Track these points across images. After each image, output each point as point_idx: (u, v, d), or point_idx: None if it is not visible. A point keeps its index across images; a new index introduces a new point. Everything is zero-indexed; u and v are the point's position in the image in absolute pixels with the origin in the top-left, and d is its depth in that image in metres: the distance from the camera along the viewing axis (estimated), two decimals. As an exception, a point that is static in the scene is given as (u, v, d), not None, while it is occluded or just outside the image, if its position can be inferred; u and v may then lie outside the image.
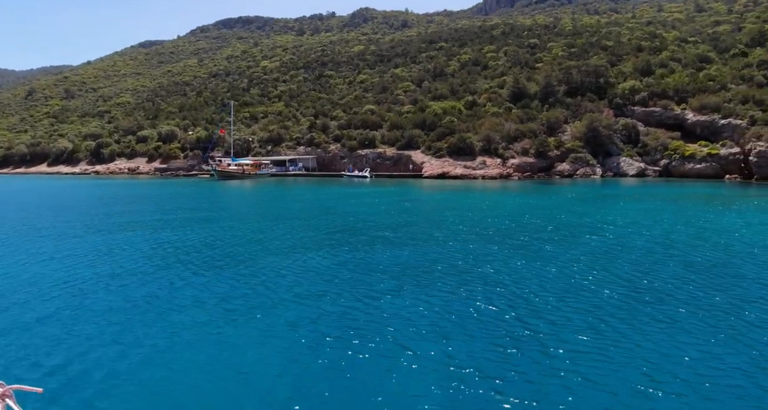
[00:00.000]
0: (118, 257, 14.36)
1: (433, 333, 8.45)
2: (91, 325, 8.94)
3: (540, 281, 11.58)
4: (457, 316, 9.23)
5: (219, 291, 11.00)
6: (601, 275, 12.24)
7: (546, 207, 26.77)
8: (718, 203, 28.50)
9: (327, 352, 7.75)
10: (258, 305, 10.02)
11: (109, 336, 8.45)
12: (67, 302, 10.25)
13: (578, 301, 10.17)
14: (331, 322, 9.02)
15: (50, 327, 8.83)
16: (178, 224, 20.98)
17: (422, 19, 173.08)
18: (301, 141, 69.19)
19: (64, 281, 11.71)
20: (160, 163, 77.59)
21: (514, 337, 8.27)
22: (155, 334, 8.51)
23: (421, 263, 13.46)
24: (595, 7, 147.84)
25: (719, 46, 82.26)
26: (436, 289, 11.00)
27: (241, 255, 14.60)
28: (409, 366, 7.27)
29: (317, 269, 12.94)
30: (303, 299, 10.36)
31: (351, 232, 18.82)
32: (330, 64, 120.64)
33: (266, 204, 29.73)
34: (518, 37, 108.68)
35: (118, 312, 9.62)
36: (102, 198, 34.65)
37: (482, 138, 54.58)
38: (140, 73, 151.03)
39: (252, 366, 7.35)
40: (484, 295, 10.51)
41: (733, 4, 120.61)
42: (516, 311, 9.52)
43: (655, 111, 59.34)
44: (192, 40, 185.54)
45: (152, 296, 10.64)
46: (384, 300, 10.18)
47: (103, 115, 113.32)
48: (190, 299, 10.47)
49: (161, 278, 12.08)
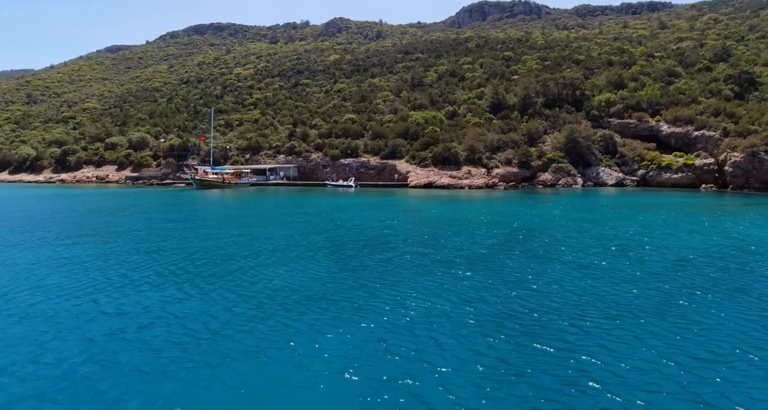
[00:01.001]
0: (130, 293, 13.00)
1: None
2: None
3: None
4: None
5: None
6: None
7: (558, 217, 26.61)
8: (728, 211, 29.17)
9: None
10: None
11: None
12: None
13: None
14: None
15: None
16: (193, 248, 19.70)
17: (396, 31, 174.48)
18: (280, 149, 67.91)
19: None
20: (131, 171, 74.71)
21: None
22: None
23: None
24: (564, 23, 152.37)
25: (684, 61, 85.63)
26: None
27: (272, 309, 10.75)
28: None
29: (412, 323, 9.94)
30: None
31: (390, 257, 15.82)
32: (306, 73, 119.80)
33: (258, 219, 26.98)
34: (492, 49, 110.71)
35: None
36: (77, 211, 32.72)
37: (466, 148, 54.78)
38: (107, 79, 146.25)
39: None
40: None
41: (695, 22, 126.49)
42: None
43: (630, 123, 61.02)
44: (161, 45, 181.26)
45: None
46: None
47: (68, 121, 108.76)
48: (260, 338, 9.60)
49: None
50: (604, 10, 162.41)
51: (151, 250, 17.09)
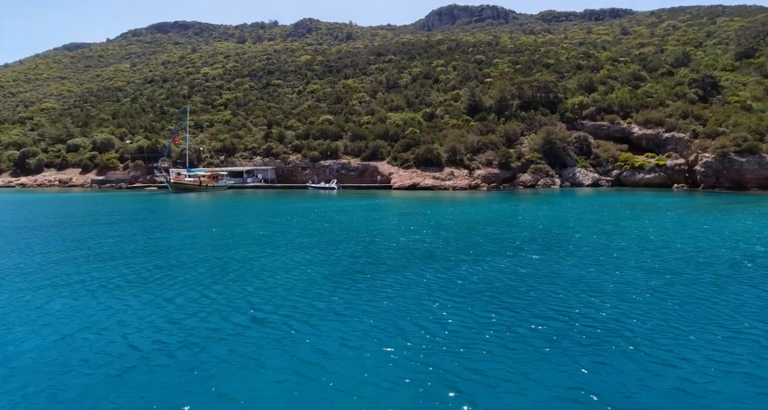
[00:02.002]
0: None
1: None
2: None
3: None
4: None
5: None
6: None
7: (569, 218, 26.58)
8: (747, 210, 30.09)
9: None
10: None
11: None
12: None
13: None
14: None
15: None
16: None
17: (367, 32, 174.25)
18: (257, 151, 66.43)
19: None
20: (96, 174, 71.51)
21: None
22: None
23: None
24: (531, 28, 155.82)
25: (648, 65, 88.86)
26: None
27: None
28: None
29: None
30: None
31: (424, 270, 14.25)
32: (277, 73, 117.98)
33: (250, 227, 24.48)
34: (464, 52, 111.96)
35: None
36: (53, 219, 30.88)
37: (448, 149, 55.00)
38: (65, 78, 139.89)
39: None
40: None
41: (655, 28, 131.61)
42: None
43: (603, 125, 62.71)
44: (123, 43, 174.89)
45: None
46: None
47: (25, 121, 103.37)
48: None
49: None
50: (569, 16, 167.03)
51: (171, 265, 15.30)
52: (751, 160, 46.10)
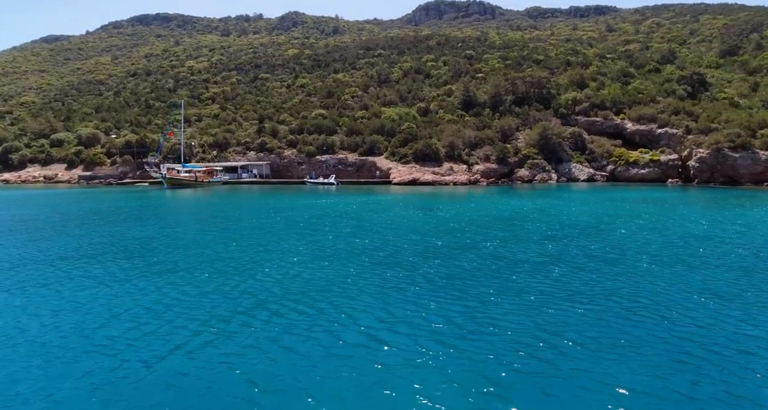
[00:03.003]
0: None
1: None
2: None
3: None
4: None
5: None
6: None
7: (600, 214, 26.29)
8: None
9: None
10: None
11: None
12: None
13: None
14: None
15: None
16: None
17: (353, 27, 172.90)
18: (250, 146, 65.40)
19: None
20: (83, 170, 69.56)
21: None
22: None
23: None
24: (518, 24, 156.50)
25: (635, 62, 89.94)
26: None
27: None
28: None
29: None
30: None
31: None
32: (264, 67, 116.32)
33: (280, 229, 22.07)
34: (453, 48, 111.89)
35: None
36: (55, 217, 29.79)
37: (446, 144, 54.91)
38: (44, 71, 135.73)
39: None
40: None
41: (639, 26, 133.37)
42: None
43: (596, 121, 63.34)
44: (103, 36, 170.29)
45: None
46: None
47: (5, 116, 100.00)
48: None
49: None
50: (554, 13, 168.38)
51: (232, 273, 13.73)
52: (744, 155, 47.07)
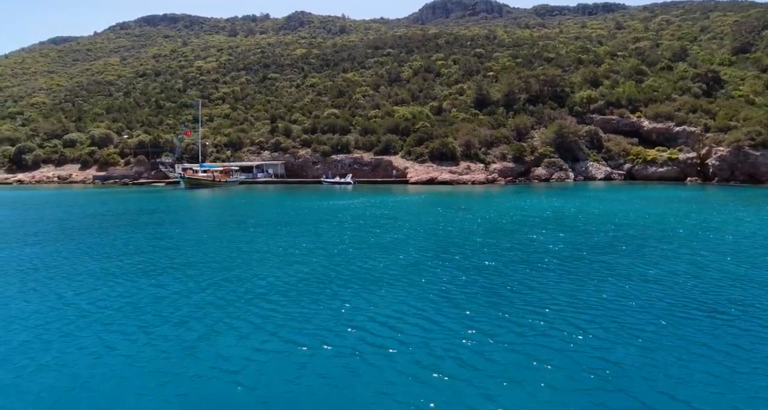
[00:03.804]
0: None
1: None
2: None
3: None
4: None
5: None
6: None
7: (646, 212, 25.86)
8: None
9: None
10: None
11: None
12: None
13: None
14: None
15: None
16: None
17: (360, 26, 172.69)
18: (264, 146, 65.35)
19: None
20: (97, 170, 69.75)
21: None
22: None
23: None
24: (526, 22, 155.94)
25: (646, 60, 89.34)
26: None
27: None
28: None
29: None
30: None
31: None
32: (273, 67, 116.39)
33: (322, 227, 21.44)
34: (462, 46, 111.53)
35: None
36: (86, 217, 29.63)
37: (462, 143, 54.70)
38: (54, 72, 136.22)
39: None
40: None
41: (649, 23, 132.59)
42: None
43: (612, 119, 62.95)
44: (111, 37, 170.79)
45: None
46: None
47: (15, 116, 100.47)
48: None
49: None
50: (562, 11, 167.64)
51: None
52: (765, 153, 46.66)
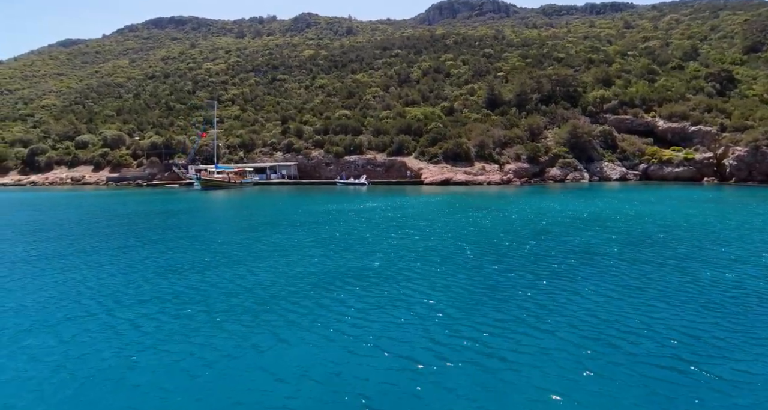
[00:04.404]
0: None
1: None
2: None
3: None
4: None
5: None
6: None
7: (694, 213, 24.98)
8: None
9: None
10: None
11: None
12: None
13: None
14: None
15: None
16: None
17: (367, 27, 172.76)
18: (277, 147, 65.43)
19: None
20: (110, 172, 70.08)
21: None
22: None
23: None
24: (533, 22, 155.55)
25: (657, 59, 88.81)
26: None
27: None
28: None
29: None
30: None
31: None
32: (281, 68, 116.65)
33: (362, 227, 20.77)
34: (471, 47, 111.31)
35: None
36: (118, 217, 29.54)
37: (476, 144, 54.53)
38: (63, 74, 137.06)
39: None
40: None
41: (658, 22, 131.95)
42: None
43: (626, 119, 62.60)
44: (119, 39, 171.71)
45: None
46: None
47: (26, 118, 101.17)
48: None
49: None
50: (569, 10, 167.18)
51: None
52: (784, 153, 46.23)
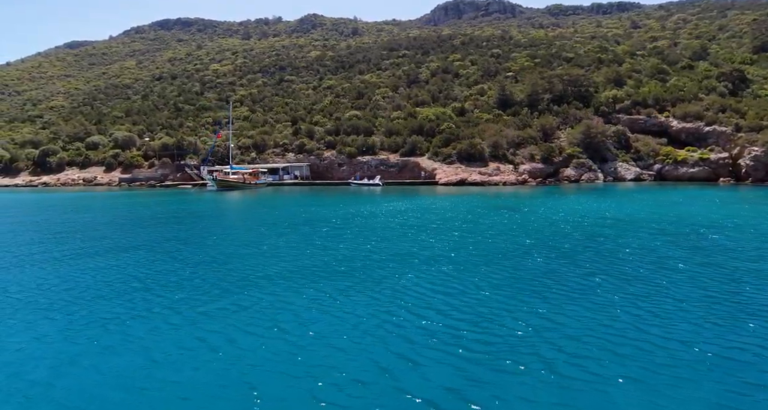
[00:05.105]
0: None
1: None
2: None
3: None
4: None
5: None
6: None
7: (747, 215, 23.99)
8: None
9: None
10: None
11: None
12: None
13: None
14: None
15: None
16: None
17: (372, 28, 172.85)
18: (289, 147, 65.45)
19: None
20: (121, 172, 70.19)
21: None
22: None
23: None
24: (539, 22, 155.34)
25: (666, 59, 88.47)
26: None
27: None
28: None
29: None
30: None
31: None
32: (289, 69, 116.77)
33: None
34: (478, 47, 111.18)
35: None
36: (148, 218, 29.39)
37: (490, 144, 54.42)
38: (70, 75, 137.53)
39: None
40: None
41: (665, 22, 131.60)
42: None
43: (639, 119, 62.37)
44: (126, 41, 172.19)
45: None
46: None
47: (35, 120, 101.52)
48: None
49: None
50: (576, 10, 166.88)
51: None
52: (802, 153, 45.97)
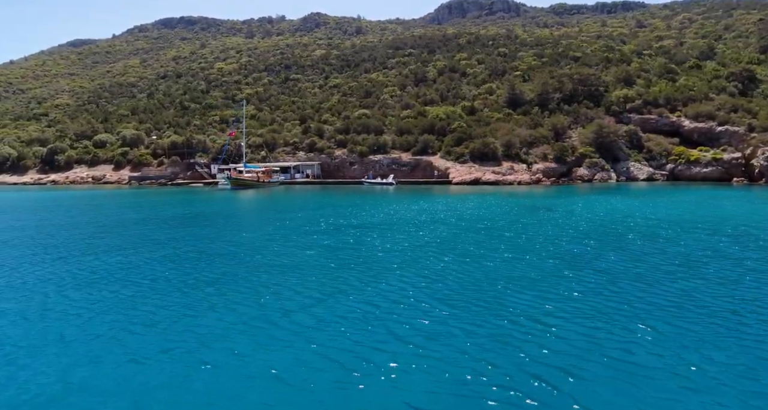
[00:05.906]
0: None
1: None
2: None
3: None
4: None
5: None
6: None
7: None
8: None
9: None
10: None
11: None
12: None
13: None
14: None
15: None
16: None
17: (376, 27, 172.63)
18: (299, 146, 65.34)
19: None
20: (130, 171, 70.08)
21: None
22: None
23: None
24: (544, 21, 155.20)
25: (673, 59, 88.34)
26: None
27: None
28: None
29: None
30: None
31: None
32: (294, 68, 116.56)
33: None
34: (484, 46, 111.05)
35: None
36: (176, 219, 28.92)
37: (503, 143, 54.33)
38: (74, 74, 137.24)
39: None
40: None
41: (670, 21, 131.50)
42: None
43: (651, 118, 62.26)
44: (130, 39, 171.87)
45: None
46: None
47: (40, 118, 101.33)
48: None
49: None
50: (580, 9, 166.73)
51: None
52: (818, 152, 45.90)
